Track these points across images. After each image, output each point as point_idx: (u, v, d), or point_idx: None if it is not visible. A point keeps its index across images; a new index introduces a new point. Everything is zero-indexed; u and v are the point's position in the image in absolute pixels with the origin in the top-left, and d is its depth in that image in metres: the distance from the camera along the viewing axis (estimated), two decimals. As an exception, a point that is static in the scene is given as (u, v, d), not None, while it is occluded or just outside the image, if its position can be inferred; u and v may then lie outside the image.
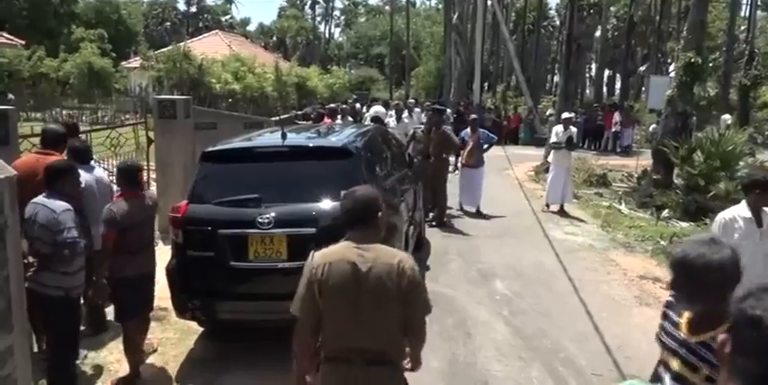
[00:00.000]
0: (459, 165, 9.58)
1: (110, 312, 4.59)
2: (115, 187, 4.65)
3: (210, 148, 4.73)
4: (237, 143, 5.07)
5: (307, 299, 2.46)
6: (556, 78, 37.05)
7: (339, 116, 11.68)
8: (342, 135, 5.53)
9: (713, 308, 1.90)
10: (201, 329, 4.86)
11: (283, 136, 4.71)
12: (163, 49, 25.75)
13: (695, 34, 12.67)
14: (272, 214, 4.18)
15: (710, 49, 31.20)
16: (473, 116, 10.63)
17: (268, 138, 5.26)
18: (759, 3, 35.80)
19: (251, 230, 4.19)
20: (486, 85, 36.24)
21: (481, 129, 9.78)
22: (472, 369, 4.36)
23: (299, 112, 11.67)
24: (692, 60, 11.78)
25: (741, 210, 4.03)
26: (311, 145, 5.32)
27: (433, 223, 8.63)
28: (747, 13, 34.66)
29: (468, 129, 9.69)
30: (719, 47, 31.41)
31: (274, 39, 60.99)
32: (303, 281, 2.49)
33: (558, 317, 5.33)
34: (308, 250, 3.65)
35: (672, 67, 29.66)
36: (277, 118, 6.98)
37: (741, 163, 10.70)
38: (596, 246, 7.81)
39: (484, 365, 4.42)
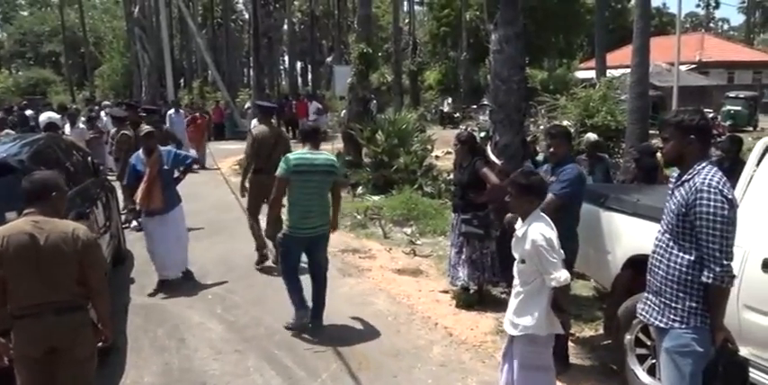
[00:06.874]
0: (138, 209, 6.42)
1: None
2: None
3: None
4: None
5: None
6: (252, 72, 37.46)
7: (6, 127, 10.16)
8: (1, 148, 4.83)
9: None
10: None
11: None
12: None
13: (364, 27, 14.10)
14: None
15: (384, 40, 35.06)
16: (145, 128, 6.81)
17: None
18: (416, -1, 41.22)
19: None
20: (181, 81, 35.03)
21: (165, 149, 6.31)
22: (188, 374, 4.27)
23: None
24: (364, 50, 13.10)
25: None
26: (-42, 163, 4.51)
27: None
28: (408, 8, 39.72)
29: (141, 152, 6.08)
30: (390, 37, 35.47)
31: None
32: None
33: (270, 304, 5.51)
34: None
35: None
36: None
37: (415, 138, 12.33)
38: (302, 230, 8.24)
39: (201, 367, 4.36)
